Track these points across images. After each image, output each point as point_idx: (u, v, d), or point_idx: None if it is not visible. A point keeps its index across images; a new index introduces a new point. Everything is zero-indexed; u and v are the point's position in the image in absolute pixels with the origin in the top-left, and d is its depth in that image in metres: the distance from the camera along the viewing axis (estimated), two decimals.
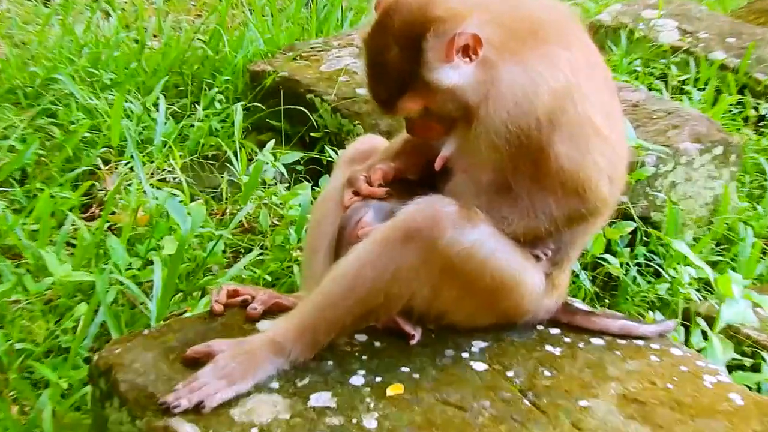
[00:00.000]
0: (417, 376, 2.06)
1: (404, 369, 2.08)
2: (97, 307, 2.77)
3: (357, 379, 2.03)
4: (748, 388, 2.65)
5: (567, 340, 2.27)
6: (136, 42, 5.12)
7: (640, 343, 2.29)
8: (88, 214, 3.67)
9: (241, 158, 3.88)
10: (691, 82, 5.11)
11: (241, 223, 3.63)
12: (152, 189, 3.54)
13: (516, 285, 2.14)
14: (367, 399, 1.97)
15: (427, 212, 2.02)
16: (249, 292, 2.33)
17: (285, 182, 3.94)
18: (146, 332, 2.19)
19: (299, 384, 2.00)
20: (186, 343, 2.09)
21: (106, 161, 3.91)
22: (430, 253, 2.01)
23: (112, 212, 3.45)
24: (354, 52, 4.57)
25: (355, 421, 1.89)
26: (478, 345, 2.20)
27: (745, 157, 4.24)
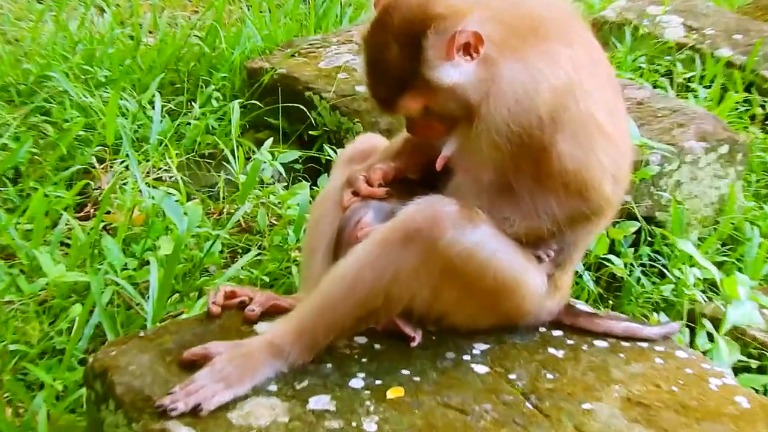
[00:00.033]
0: (417, 378, 2.07)
1: (404, 372, 2.09)
2: (92, 308, 2.77)
3: (356, 382, 2.04)
4: (755, 390, 2.66)
5: (570, 342, 2.28)
6: (131, 38, 5.12)
7: (645, 345, 2.30)
8: (82, 214, 3.68)
9: (239, 157, 3.88)
10: (697, 80, 5.11)
11: (239, 222, 3.63)
12: (148, 188, 3.54)
13: (518, 286, 2.14)
14: (367, 402, 1.97)
15: (428, 212, 2.03)
16: (246, 294, 2.34)
17: (283, 181, 3.95)
18: (142, 334, 2.20)
19: (298, 387, 2.01)
20: (183, 346, 2.09)
21: (101, 160, 3.91)
22: (431, 254, 2.02)
23: (107, 212, 3.45)
24: (353, 48, 4.57)
25: (354, 424, 1.89)
26: (480, 347, 2.21)
27: (752, 156, 4.24)
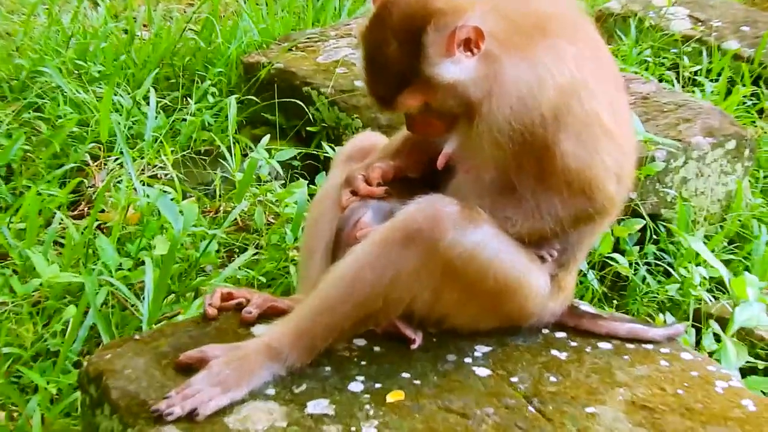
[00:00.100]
0: (418, 382, 2.07)
1: (405, 375, 2.09)
2: (87, 310, 2.78)
3: (356, 386, 2.04)
4: (763, 393, 2.67)
5: (573, 344, 2.28)
6: (126, 32, 5.13)
7: (649, 347, 2.30)
8: (76, 213, 3.69)
9: (235, 154, 3.89)
10: (704, 73, 5.11)
11: (236, 221, 3.64)
12: (143, 186, 3.55)
13: (520, 287, 2.15)
14: (367, 406, 1.98)
15: (428, 212, 2.03)
16: (244, 295, 2.34)
17: (281, 179, 3.95)
18: (137, 337, 2.20)
19: (296, 390, 2.01)
20: (179, 349, 2.10)
21: (95, 157, 3.92)
22: (431, 254, 2.02)
23: (102, 210, 3.47)
24: (352, 42, 4.57)
25: (354, 429, 1.90)
26: (481, 349, 2.21)
27: (760, 152, 4.25)
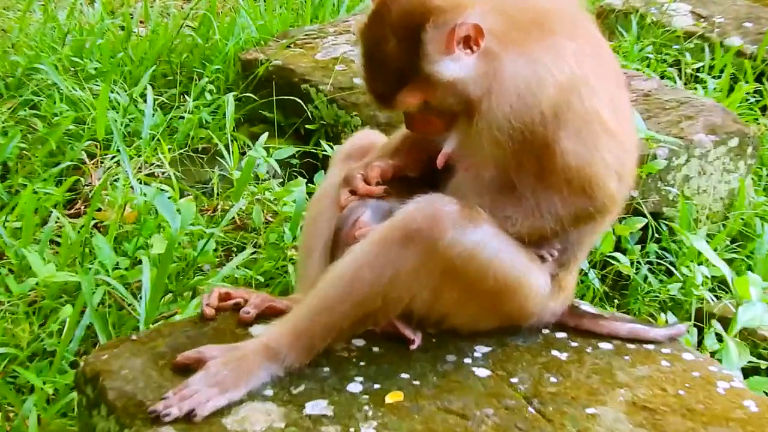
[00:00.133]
0: (417, 382, 2.07)
1: (404, 375, 2.10)
2: (83, 309, 2.78)
3: (354, 386, 2.05)
4: (765, 394, 2.67)
5: (574, 344, 2.29)
6: (122, 29, 5.13)
7: (651, 347, 2.30)
8: (73, 211, 3.69)
9: (233, 152, 3.89)
10: (706, 70, 5.10)
11: (233, 220, 3.64)
12: (140, 184, 3.55)
13: (520, 287, 2.15)
14: (365, 407, 1.98)
15: (427, 212, 2.03)
16: (241, 295, 2.35)
17: (279, 177, 3.95)
18: (134, 337, 2.21)
19: (294, 391, 2.01)
20: (176, 349, 2.10)
21: (92, 155, 3.92)
22: (431, 254, 2.02)
23: (98, 209, 3.47)
24: (351, 39, 4.57)
25: (352, 430, 1.90)
26: (481, 350, 2.22)
27: (763, 149, 4.24)
